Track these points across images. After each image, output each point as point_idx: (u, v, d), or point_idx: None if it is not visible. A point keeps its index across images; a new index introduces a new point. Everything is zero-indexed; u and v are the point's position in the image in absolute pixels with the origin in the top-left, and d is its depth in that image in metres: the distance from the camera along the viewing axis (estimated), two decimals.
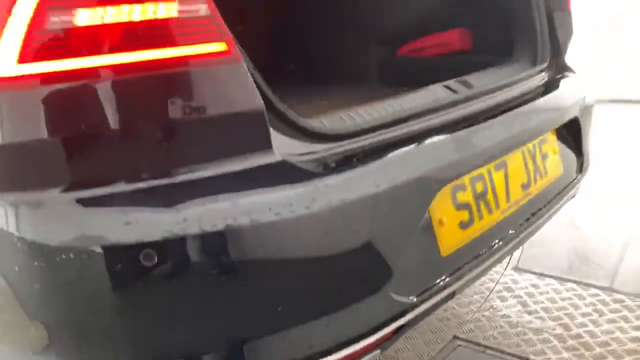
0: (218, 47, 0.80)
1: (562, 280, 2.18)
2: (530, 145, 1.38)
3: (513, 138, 1.30)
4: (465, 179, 1.16)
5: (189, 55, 0.79)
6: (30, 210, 0.78)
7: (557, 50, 1.74)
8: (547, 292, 2.10)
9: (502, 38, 1.90)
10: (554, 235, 2.27)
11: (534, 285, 2.16)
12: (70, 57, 0.75)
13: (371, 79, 2.31)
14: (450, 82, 1.36)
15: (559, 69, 1.70)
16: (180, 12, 0.78)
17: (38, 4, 0.73)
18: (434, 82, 1.99)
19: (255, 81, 0.86)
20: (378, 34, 2.26)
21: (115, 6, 0.75)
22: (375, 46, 2.29)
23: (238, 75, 0.83)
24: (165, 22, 0.77)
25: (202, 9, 0.79)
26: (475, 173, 1.19)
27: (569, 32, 1.78)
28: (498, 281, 2.15)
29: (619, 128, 3.16)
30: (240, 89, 0.83)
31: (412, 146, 1.07)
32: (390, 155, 1.01)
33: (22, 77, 0.75)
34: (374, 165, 0.97)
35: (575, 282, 2.16)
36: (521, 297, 2.09)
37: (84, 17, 0.74)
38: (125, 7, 0.75)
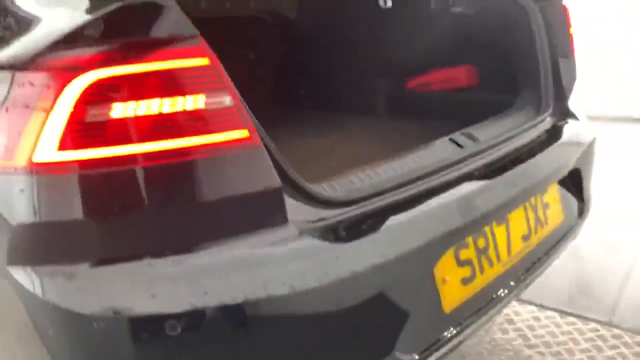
0: (241, 134, 0.87)
1: (562, 313, 2.23)
2: (532, 199, 1.44)
3: (517, 196, 1.36)
4: (469, 238, 1.22)
5: (215, 142, 0.85)
6: (64, 282, 0.85)
7: (560, 96, 1.79)
8: (548, 326, 2.15)
9: (507, 78, 1.96)
10: (554, 264, 2.32)
11: (535, 318, 2.21)
12: (106, 145, 0.81)
13: (380, 110, 2.37)
14: (456, 136, 1.42)
15: (562, 115, 1.76)
16: (207, 103, 0.85)
17: (78, 99, 0.80)
18: (440, 116, 2.07)
19: (273, 159, 0.93)
20: (388, 67, 2.32)
21: (147, 100, 0.81)
22: (384, 79, 2.35)
23: (259, 159, 0.89)
24: (193, 113, 0.84)
25: (227, 100, 0.86)
26: (478, 231, 1.25)
27: (572, 78, 1.84)
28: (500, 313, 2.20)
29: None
30: (261, 171, 0.90)
31: (418, 210, 1.13)
32: (398, 221, 1.07)
33: (61, 163, 0.82)
34: (382, 233, 1.03)
35: (575, 315, 2.21)
36: (522, 330, 2.14)
37: (119, 111, 0.81)
38: (156, 101, 0.82)
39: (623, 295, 2.33)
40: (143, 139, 0.82)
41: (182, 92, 0.83)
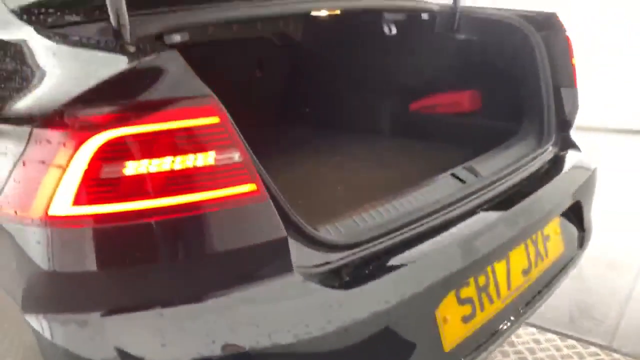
0: (249, 188, 0.90)
1: (562, 335, 2.25)
2: (534, 235, 1.46)
3: (519, 234, 1.38)
4: (470, 278, 1.25)
5: (224, 197, 0.88)
6: (76, 329, 0.88)
7: (562, 126, 1.82)
8: (548, 349, 2.17)
9: (510, 105, 1.99)
10: None
11: (536, 340, 2.23)
12: (118, 201, 0.84)
13: (384, 130, 2.40)
14: (458, 170, 1.45)
15: (564, 145, 1.78)
16: (216, 160, 0.87)
17: (93, 157, 0.83)
18: (443, 139, 2.10)
19: (279, 208, 0.96)
20: (392, 90, 2.36)
21: (159, 158, 0.84)
22: (389, 99, 2.38)
23: (265, 211, 0.92)
24: (203, 169, 0.87)
25: (236, 156, 0.89)
26: (480, 271, 1.27)
27: (574, 108, 1.86)
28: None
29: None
30: (267, 222, 0.93)
31: (421, 253, 1.15)
32: (401, 265, 1.10)
33: (76, 217, 0.85)
34: (385, 278, 1.06)
35: (575, 338, 2.23)
36: (522, 352, 2.16)
37: (132, 168, 0.84)
38: (168, 159, 0.85)
39: (624, 317, 2.35)
40: (154, 194, 0.85)
41: (193, 150, 0.86)
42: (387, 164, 1.91)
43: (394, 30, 1.94)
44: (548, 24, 1.86)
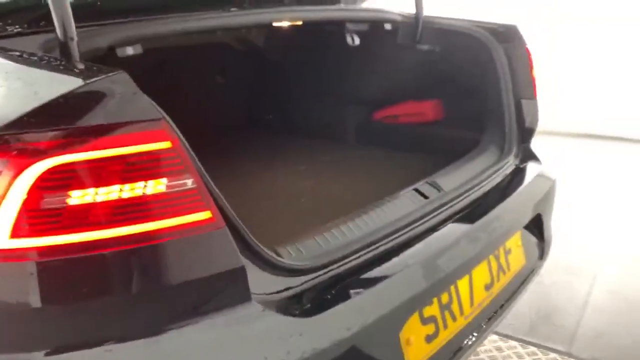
0: (204, 215, 0.86)
1: (524, 342, 2.28)
2: (496, 250, 1.46)
3: (482, 251, 1.38)
4: (434, 297, 1.24)
5: (177, 226, 0.84)
6: None
7: (523, 137, 1.84)
8: (510, 357, 2.20)
9: (471, 116, 2.00)
10: None
11: (498, 348, 2.25)
12: (62, 233, 0.79)
13: (347, 138, 2.39)
14: (421, 185, 1.43)
15: (525, 157, 1.80)
16: (168, 187, 0.83)
17: (33, 186, 0.77)
18: (406, 148, 2.09)
19: (237, 234, 0.91)
20: (356, 97, 2.34)
21: (106, 187, 0.79)
22: (352, 108, 2.37)
23: (221, 239, 0.88)
24: (154, 197, 0.82)
25: (189, 182, 0.84)
26: (443, 289, 1.26)
27: (535, 120, 1.88)
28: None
29: None
30: (223, 251, 0.88)
31: (384, 274, 1.13)
32: (364, 288, 1.08)
33: (14, 250, 0.79)
34: (347, 302, 1.03)
35: (536, 345, 2.27)
36: None
37: (77, 198, 0.78)
38: (116, 187, 0.80)
39: (581, 323, 2.40)
40: (102, 225, 0.80)
41: (143, 177, 0.81)
42: (351, 176, 1.89)
43: (357, 41, 1.92)
44: (509, 36, 1.88)
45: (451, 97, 2.17)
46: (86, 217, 0.79)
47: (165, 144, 0.82)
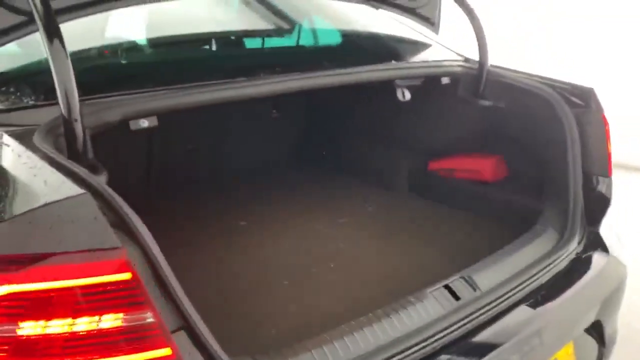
0: (164, 352, 0.77)
1: None
2: None
3: None
4: None
5: None
6: None
7: (591, 219, 1.60)
8: None
9: (533, 184, 1.79)
10: None
11: None
12: None
13: (399, 187, 2.23)
14: (454, 281, 1.26)
15: (590, 245, 1.56)
16: (125, 320, 0.74)
17: None
18: (458, 205, 1.91)
19: None
20: (412, 146, 2.18)
21: (58, 319, 0.72)
22: (407, 156, 2.21)
23: None
24: (110, 332, 0.74)
25: (149, 317, 0.75)
26: None
27: (607, 200, 1.63)
28: None
29: None
30: None
31: None
32: None
33: None
34: None
35: None
36: None
37: (25, 330, 0.72)
38: (68, 320, 0.72)
39: None
40: (52, 358, 0.73)
41: (99, 310, 0.73)
42: (385, 245, 1.73)
43: (408, 96, 1.77)
44: (583, 100, 1.65)
45: (513, 158, 1.95)
46: (35, 349, 0.73)
47: (124, 276, 0.74)
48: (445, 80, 1.82)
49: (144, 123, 1.15)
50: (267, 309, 1.33)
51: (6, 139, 0.96)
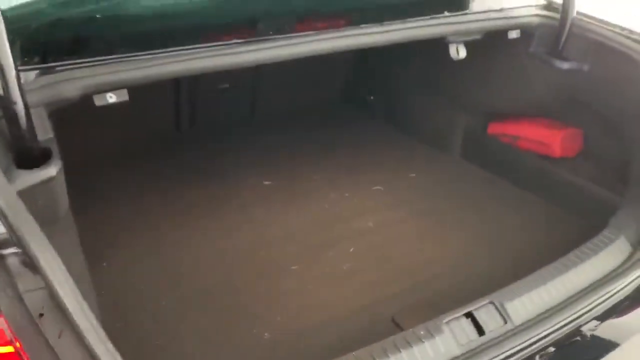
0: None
1: None
2: None
3: None
4: None
5: None
6: None
7: None
8: None
9: (613, 165, 1.46)
10: None
11: None
12: None
13: (451, 148, 1.94)
14: (479, 308, 1.00)
15: None
16: None
17: None
18: (517, 181, 1.62)
19: None
20: (468, 102, 1.85)
21: None
22: (462, 113, 1.89)
23: None
24: None
25: None
26: None
27: None
28: None
29: None
30: None
31: None
32: None
33: None
34: None
35: None
36: None
37: None
38: None
39: None
40: None
41: None
42: (410, 239, 1.48)
43: (463, 54, 1.44)
44: None
45: (592, 133, 1.60)
46: None
47: (6, 349, 0.58)
48: (513, 34, 1.46)
49: (112, 98, 0.96)
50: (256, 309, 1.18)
51: None
